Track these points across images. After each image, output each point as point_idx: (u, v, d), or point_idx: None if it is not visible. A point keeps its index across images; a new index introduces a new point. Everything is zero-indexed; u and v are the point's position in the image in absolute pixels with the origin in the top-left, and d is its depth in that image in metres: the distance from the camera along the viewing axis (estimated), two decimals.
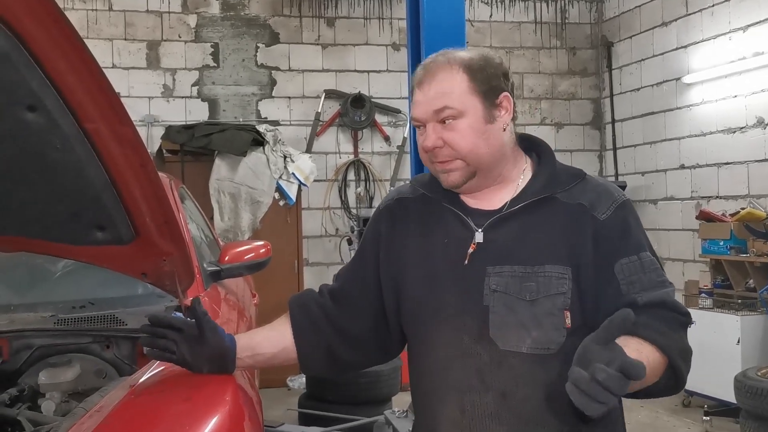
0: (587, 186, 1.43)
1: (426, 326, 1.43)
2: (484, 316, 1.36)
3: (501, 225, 1.40)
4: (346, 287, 1.54)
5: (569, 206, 1.39)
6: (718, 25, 5.68)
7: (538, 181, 1.43)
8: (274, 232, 5.73)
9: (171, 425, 1.28)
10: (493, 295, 1.36)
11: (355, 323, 1.51)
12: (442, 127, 1.37)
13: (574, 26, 7.11)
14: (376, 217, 1.57)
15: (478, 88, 1.38)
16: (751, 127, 5.40)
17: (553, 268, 1.35)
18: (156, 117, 6.19)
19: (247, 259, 2.67)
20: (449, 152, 1.38)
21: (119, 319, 1.95)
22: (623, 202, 1.42)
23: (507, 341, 1.35)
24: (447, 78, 1.38)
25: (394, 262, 1.48)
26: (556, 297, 1.34)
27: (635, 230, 1.41)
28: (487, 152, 1.39)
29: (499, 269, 1.37)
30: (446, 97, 1.37)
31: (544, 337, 1.34)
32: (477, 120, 1.37)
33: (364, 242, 1.57)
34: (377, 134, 6.61)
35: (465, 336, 1.37)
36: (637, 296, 1.34)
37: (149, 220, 1.66)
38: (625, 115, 6.79)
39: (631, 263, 1.36)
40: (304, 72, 6.53)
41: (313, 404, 4.34)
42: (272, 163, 5.79)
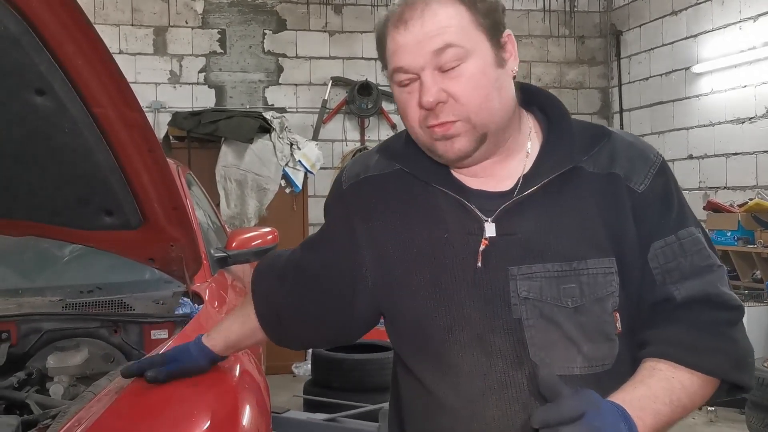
0: (616, 147, 1.11)
1: (437, 350, 1.11)
2: (518, 333, 1.06)
3: (517, 211, 1.08)
4: (312, 272, 1.24)
5: (600, 178, 1.09)
6: (728, 15, 5.63)
7: (556, 148, 1.10)
8: (280, 219, 5.73)
9: (178, 410, 1.28)
10: (524, 304, 1.06)
11: (318, 308, 1.24)
12: (443, 76, 1.03)
13: (583, 14, 7.06)
14: (340, 199, 1.23)
15: (482, 22, 1.04)
16: (760, 117, 5.36)
17: (598, 262, 1.06)
18: (163, 103, 6.19)
19: (254, 245, 2.67)
20: (454, 109, 1.04)
21: (127, 304, 1.96)
22: (661, 166, 1.11)
23: (555, 363, 1.05)
24: (441, 9, 1.03)
25: (379, 267, 1.16)
26: (606, 299, 1.07)
27: (676, 200, 1.11)
28: (500, 107, 1.06)
29: (527, 270, 1.06)
30: (446, 32, 1.02)
31: (598, 352, 1.06)
32: (488, 62, 1.04)
33: (330, 228, 1.25)
34: (384, 122, 6.59)
35: (498, 361, 1.07)
36: (674, 289, 1.06)
37: (157, 206, 1.66)
38: (633, 105, 6.76)
39: (668, 246, 1.08)
40: (311, 59, 6.51)
41: (318, 391, 4.36)
42: (279, 150, 5.78)
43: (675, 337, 1.04)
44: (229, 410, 1.33)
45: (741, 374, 1.05)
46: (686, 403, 1.01)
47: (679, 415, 1.01)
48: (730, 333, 1.06)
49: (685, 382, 1.01)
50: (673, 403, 0.99)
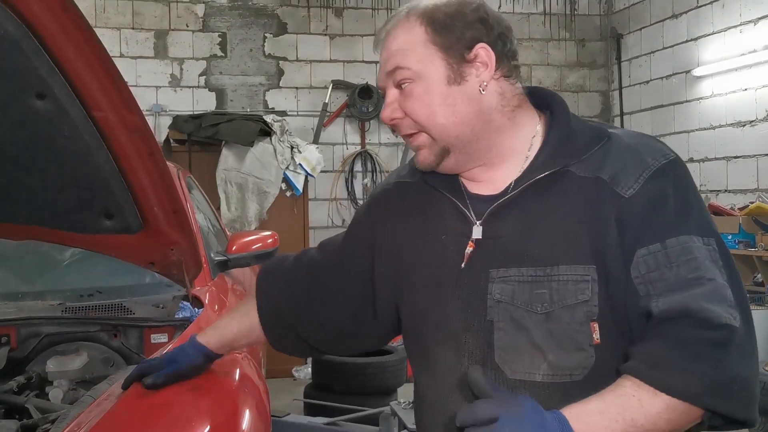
0: (611, 150, 1.08)
1: (426, 346, 1.16)
2: (488, 335, 1.08)
3: (503, 215, 1.10)
4: (328, 271, 1.30)
5: (585, 182, 1.06)
6: (729, 18, 5.63)
7: (546, 150, 1.10)
8: (281, 222, 5.72)
9: (178, 414, 1.28)
10: (497, 306, 1.07)
11: (330, 311, 1.29)
12: (400, 94, 1.11)
13: (584, 18, 7.06)
14: (370, 202, 1.31)
15: (440, 41, 1.09)
16: (761, 120, 5.36)
17: (569, 268, 1.04)
18: (163, 107, 6.19)
19: (255, 249, 2.67)
20: (410, 123, 1.12)
21: (127, 307, 1.95)
22: (660, 168, 1.05)
23: (516, 367, 1.06)
24: (402, 33, 1.11)
25: (393, 263, 1.22)
26: (576, 307, 1.03)
27: (672, 207, 1.03)
28: (453, 121, 1.09)
29: (504, 273, 1.07)
30: (400, 55, 1.10)
31: (565, 361, 1.04)
32: (438, 81, 1.09)
33: (356, 227, 1.31)
34: (384, 125, 6.57)
35: (467, 360, 1.09)
36: (653, 302, 0.99)
37: (157, 209, 1.66)
38: (633, 108, 6.76)
39: (651, 255, 1.01)
40: (312, 62, 6.51)
41: (318, 394, 4.35)
42: (279, 153, 5.78)
43: (649, 353, 0.96)
44: (228, 414, 1.33)
45: (721, 401, 0.93)
46: (643, 424, 0.93)
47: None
48: (712, 354, 0.94)
49: (645, 401, 0.93)
50: (626, 422, 0.92)
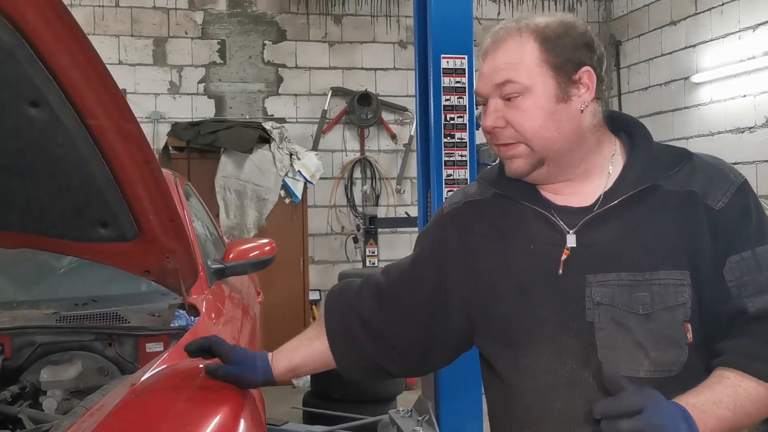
0: (696, 167, 1.19)
1: (517, 349, 1.23)
2: (590, 335, 1.16)
3: (597, 224, 1.19)
4: (395, 292, 1.36)
5: (678, 195, 1.17)
6: (727, 25, 5.64)
7: (636, 167, 1.20)
8: (280, 229, 5.71)
9: (172, 424, 1.27)
10: (597, 308, 1.16)
11: (398, 334, 1.35)
12: (505, 105, 1.19)
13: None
14: (439, 223, 1.37)
15: (552, 61, 1.17)
16: (760, 126, 5.36)
17: (669, 273, 1.14)
18: (162, 114, 6.19)
19: (252, 256, 2.66)
20: (512, 134, 1.19)
21: (122, 316, 1.94)
22: (741, 185, 1.18)
23: (621, 364, 1.13)
24: (514, 47, 1.18)
25: (468, 277, 1.29)
26: (676, 309, 1.13)
27: (755, 218, 1.16)
28: (557, 137, 1.18)
29: (602, 278, 1.16)
30: (511, 69, 1.17)
31: (665, 357, 1.14)
32: (547, 98, 1.17)
33: (423, 249, 1.38)
34: (384, 132, 6.59)
35: (568, 359, 1.17)
36: (748, 302, 1.12)
37: (153, 218, 1.65)
38: (633, 114, 6.74)
39: (743, 261, 1.13)
40: (311, 69, 6.51)
41: (317, 402, 4.33)
42: (278, 160, 5.78)
43: (745, 347, 1.10)
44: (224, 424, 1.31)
45: None
46: (751, 412, 1.07)
47: (743, 423, 1.08)
48: None
49: (750, 390, 1.07)
50: (736, 410, 1.06)
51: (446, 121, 2.69)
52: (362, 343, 1.37)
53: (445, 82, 2.67)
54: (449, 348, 1.37)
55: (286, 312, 5.68)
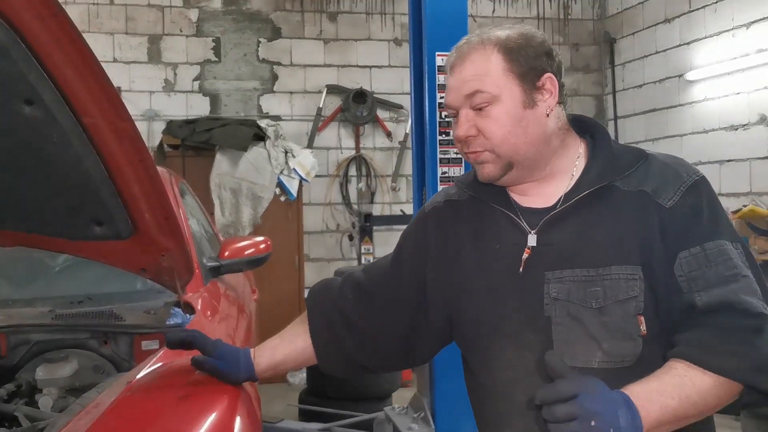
0: (651, 168, 1.25)
1: (486, 344, 1.30)
2: (547, 329, 1.22)
3: (556, 224, 1.25)
4: (376, 289, 1.42)
5: (631, 195, 1.23)
6: (721, 22, 5.65)
7: (594, 169, 1.26)
8: (275, 227, 5.72)
9: (167, 422, 1.27)
10: (554, 304, 1.22)
11: (379, 331, 1.40)
12: (476, 114, 1.25)
13: (577, 22, 7.08)
14: (421, 220, 1.43)
15: (516, 70, 1.24)
16: (754, 124, 5.38)
17: (620, 269, 1.19)
18: (157, 112, 6.18)
19: (247, 254, 2.66)
20: (482, 142, 1.25)
21: (117, 314, 1.94)
22: (694, 183, 1.23)
23: (574, 356, 1.19)
24: (480, 59, 1.24)
25: (446, 274, 1.35)
26: (627, 302, 1.18)
27: (706, 216, 1.21)
28: (524, 141, 1.25)
29: (559, 274, 1.22)
30: (479, 80, 1.23)
31: (617, 349, 1.18)
32: (514, 105, 1.23)
33: (405, 245, 1.43)
34: (379, 130, 6.59)
35: (528, 353, 1.23)
36: (697, 297, 1.16)
37: (148, 216, 1.65)
38: (627, 112, 6.77)
39: (692, 256, 1.18)
40: (306, 67, 6.51)
41: (313, 400, 4.34)
42: (273, 158, 5.78)
43: (694, 339, 1.13)
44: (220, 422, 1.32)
45: (760, 378, 1.11)
46: (696, 401, 1.10)
47: (688, 412, 1.10)
48: (751, 339, 1.12)
49: (696, 381, 1.10)
50: (681, 399, 1.09)
51: (441, 118, 2.69)
52: (344, 339, 1.41)
53: (440, 79, 2.68)
54: (429, 344, 1.42)
55: (281, 309, 5.68)
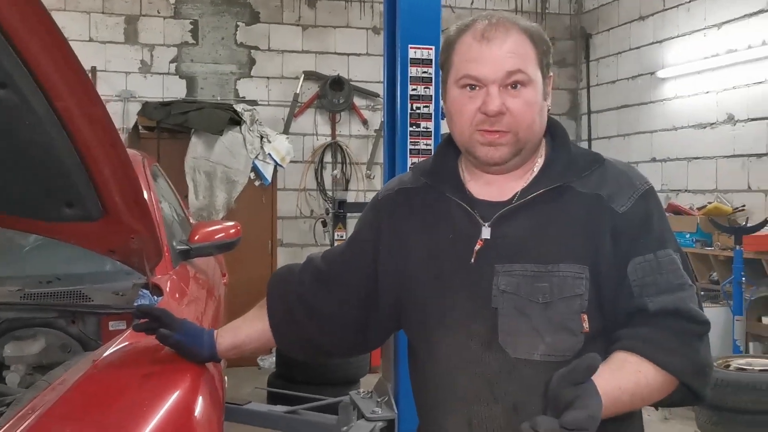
0: (606, 173, 1.28)
1: (431, 332, 1.31)
2: (493, 321, 1.24)
3: (511, 218, 1.26)
4: (331, 273, 1.44)
5: (586, 197, 1.25)
6: (693, 22, 5.75)
7: (552, 168, 1.29)
8: (249, 212, 5.73)
9: (131, 400, 1.31)
10: (502, 296, 1.23)
11: (335, 314, 1.43)
12: (507, 93, 1.22)
13: (554, 16, 7.16)
14: (374, 207, 1.44)
15: (541, 60, 1.26)
16: (721, 123, 5.50)
17: (568, 267, 1.22)
18: (133, 93, 6.14)
19: (217, 238, 2.69)
20: (509, 122, 1.23)
21: (86, 294, 1.97)
22: (645, 192, 1.27)
23: (518, 348, 1.22)
24: (521, 40, 1.24)
25: (396, 260, 1.36)
26: (572, 299, 1.21)
27: (657, 224, 1.26)
28: (539, 131, 1.28)
29: (509, 268, 1.24)
30: (521, 59, 1.23)
31: (559, 344, 1.21)
32: (539, 94, 1.26)
33: (359, 231, 1.46)
34: (355, 117, 6.62)
35: (472, 343, 1.25)
36: (649, 301, 1.20)
37: (118, 199, 1.68)
38: (601, 107, 6.87)
39: (646, 263, 1.22)
40: (284, 52, 6.51)
41: (281, 384, 4.39)
42: (249, 142, 5.78)
43: (647, 336, 1.17)
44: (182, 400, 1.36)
45: (698, 380, 1.19)
46: (645, 397, 1.16)
47: (635, 405, 1.17)
48: (695, 343, 1.20)
49: (649, 377, 1.15)
50: (634, 394, 1.14)
51: (412, 110, 2.74)
52: (302, 323, 1.45)
53: (412, 71, 2.71)
54: (381, 329, 1.45)
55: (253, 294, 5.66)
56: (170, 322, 1.44)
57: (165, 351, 1.48)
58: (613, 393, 1.11)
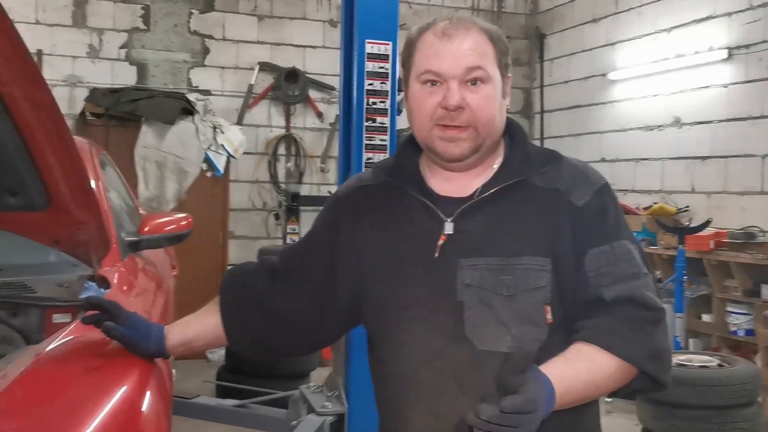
0: (563, 169, 1.32)
1: (393, 326, 1.32)
2: (459, 314, 1.25)
3: (473, 214, 1.29)
4: (287, 271, 1.44)
5: (544, 191, 1.29)
6: (644, 26, 5.89)
7: (511, 164, 1.32)
8: (200, 203, 5.65)
9: (75, 394, 1.28)
10: (466, 290, 1.25)
11: (289, 311, 1.42)
12: (467, 89, 1.26)
13: (510, 16, 7.24)
14: (333, 204, 1.46)
15: (500, 60, 1.30)
16: (668, 125, 5.65)
17: (531, 259, 1.25)
18: (80, 78, 5.98)
19: (168, 230, 2.65)
20: (468, 117, 1.26)
21: (29, 286, 1.91)
22: (602, 187, 1.32)
23: (485, 340, 1.24)
24: (480, 39, 1.28)
25: (355, 257, 1.37)
26: (536, 291, 1.25)
27: (612, 217, 1.30)
28: (499, 127, 1.31)
29: (473, 262, 1.26)
30: (480, 57, 1.27)
31: (525, 335, 1.23)
32: (498, 91, 1.29)
33: (317, 228, 1.46)
34: (310, 110, 6.58)
35: (438, 336, 1.27)
36: (605, 290, 1.24)
37: (64, 188, 1.64)
38: (553, 107, 6.98)
39: (602, 253, 1.26)
40: (239, 42, 6.42)
41: (230, 377, 4.35)
42: (201, 133, 5.70)
43: (601, 325, 1.22)
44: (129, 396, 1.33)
45: (654, 365, 1.22)
46: (599, 384, 1.20)
47: (591, 393, 1.21)
48: (650, 329, 1.23)
49: (603, 364, 1.19)
50: (588, 383, 1.19)
51: (368, 105, 2.73)
52: (254, 320, 1.44)
53: (368, 66, 2.71)
54: (337, 325, 1.46)
55: (203, 286, 5.59)
56: (118, 315, 1.41)
57: (112, 345, 1.45)
58: (565, 381, 1.14)
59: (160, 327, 1.46)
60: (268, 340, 1.47)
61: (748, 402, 3.48)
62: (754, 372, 3.60)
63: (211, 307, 1.49)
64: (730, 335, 4.82)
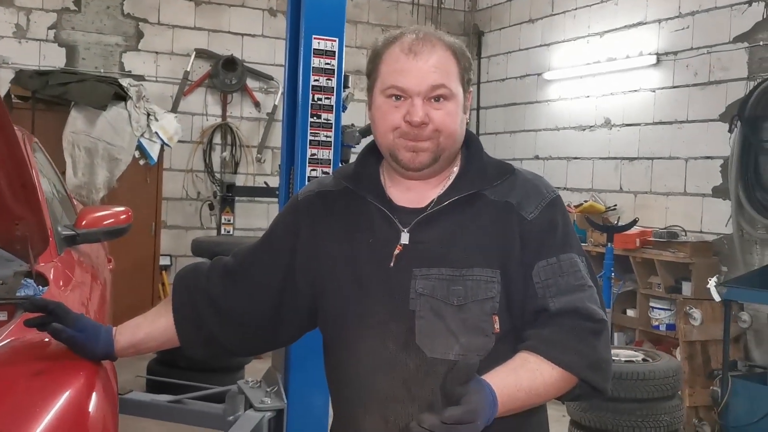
0: (516, 182, 1.36)
1: (349, 332, 1.35)
2: (410, 322, 1.29)
3: (428, 225, 1.33)
4: (243, 272, 1.44)
5: (497, 204, 1.33)
6: (578, 28, 6.06)
7: (466, 176, 1.37)
8: (132, 191, 5.51)
9: (19, 399, 1.24)
10: (419, 299, 1.29)
11: (245, 313, 1.43)
12: (430, 105, 1.30)
13: (449, 12, 7.31)
14: (293, 208, 1.46)
15: (463, 76, 1.34)
16: (599, 126, 5.84)
17: (481, 271, 1.29)
18: (6, 58, 5.72)
19: (106, 225, 2.57)
20: (431, 133, 1.30)
21: None
22: (552, 201, 1.36)
23: (434, 348, 1.28)
24: (445, 56, 1.31)
25: (314, 262, 1.39)
26: (485, 302, 1.29)
27: (561, 230, 1.34)
28: (458, 141, 1.35)
29: (426, 272, 1.30)
30: (445, 75, 1.30)
31: (473, 344, 1.28)
32: (459, 107, 1.33)
33: (275, 231, 1.47)
34: (247, 99, 6.49)
35: (390, 343, 1.30)
36: (551, 302, 1.29)
37: (3, 183, 1.58)
38: (490, 104, 7.10)
39: (549, 266, 1.31)
40: (175, 27, 6.27)
41: (163, 370, 4.26)
42: (134, 119, 5.54)
43: (546, 336, 1.26)
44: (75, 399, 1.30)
45: (594, 375, 1.27)
46: (541, 392, 1.24)
47: (533, 401, 1.25)
48: (591, 340, 1.28)
49: (545, 374, 1.23)
50: (530, 391, 1.22)
51: (314, 101, 2.72)
52: (208, 321, 1.44)
53: (315, 62, 2.70)
54: (294, 328, 1.47)
55: (135, 276, 5.50)
56: (65, 317, 1.37)
57: (54, 346, 1.41)
58: (508, 390, 1.19)
59: (108, 329, 1.43)
60: (223, 342, 1.46)
61: (671, 395, 3.66)
62: (676, 366, 3.78)
63: (162, 307, 1.47)
64: (652, 330, 5.03)
